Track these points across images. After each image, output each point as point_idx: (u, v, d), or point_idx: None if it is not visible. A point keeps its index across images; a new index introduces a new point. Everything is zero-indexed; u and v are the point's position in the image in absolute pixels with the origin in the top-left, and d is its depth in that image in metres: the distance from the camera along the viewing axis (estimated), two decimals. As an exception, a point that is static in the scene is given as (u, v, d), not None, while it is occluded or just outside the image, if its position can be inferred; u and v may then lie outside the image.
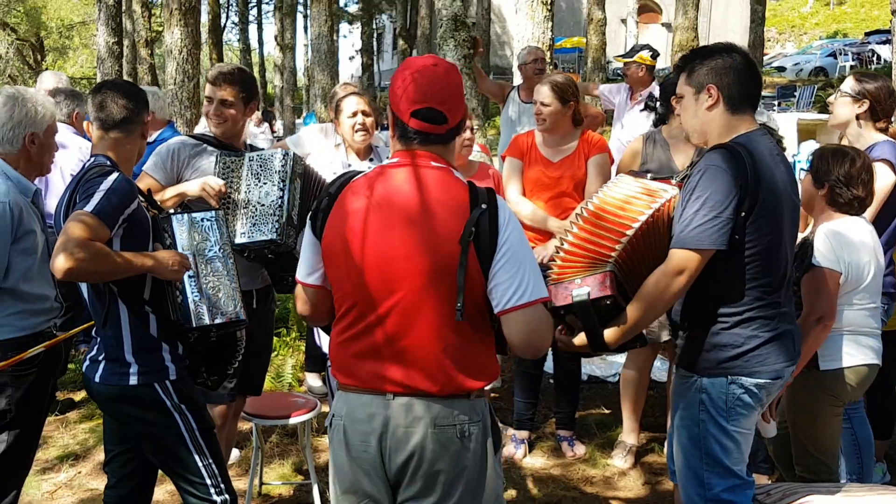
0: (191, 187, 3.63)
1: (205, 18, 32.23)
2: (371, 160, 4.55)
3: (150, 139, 5.52)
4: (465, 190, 2.32)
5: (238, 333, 3.29)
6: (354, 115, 4.45)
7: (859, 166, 3.51)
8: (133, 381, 2.96)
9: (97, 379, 3.02)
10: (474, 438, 2.36)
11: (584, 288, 2.78)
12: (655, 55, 6.92)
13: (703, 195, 2.73)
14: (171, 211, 3.17)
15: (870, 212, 3.87)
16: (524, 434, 5.00)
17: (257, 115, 18.88)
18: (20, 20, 34.33)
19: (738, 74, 2.86)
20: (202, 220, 3.14)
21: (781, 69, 31.27)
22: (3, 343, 3.36)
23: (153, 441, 3.09)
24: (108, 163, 3.01)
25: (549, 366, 5.33)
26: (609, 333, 2.83)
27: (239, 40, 42.68)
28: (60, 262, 2.65)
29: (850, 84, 4.21)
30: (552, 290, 2.81)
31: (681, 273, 2.73)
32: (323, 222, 2.43)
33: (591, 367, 6.13)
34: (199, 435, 3.05)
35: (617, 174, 3.77)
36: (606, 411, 5.54)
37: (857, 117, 4.13)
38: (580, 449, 4.94)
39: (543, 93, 4.65)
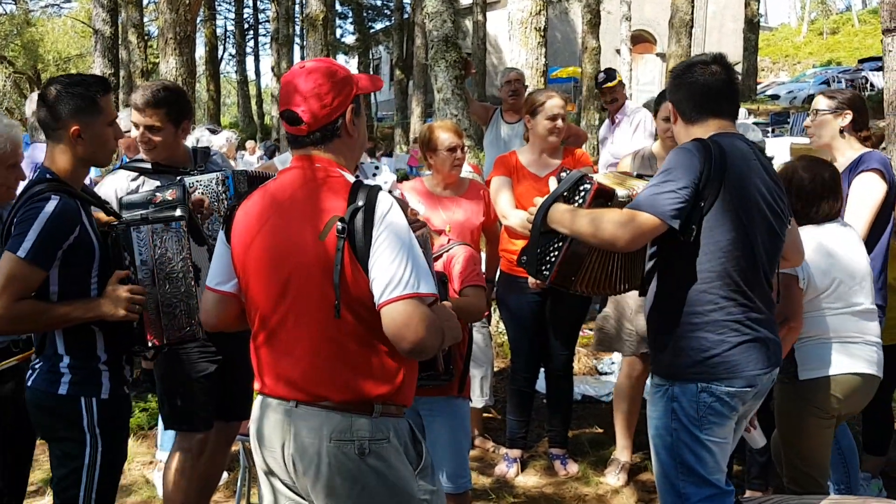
0: None
1: (202, 51, 32.54)
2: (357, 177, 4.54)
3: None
4: (346, 190, 2.30)
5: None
6: None
7: (798, 178, 3.55)
8: (62, 389, 2.87)
9: (29, 383, 2.93)
10: (377, 457, 2.32)
11: (589, 174, 3.08)
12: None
13: (665, 170, 2.79)
14: (130, 221, 2.99)
15: (862, 222, 3.84)
16: (516, 453, 4.95)
17: (252, 144, 18.97)
18: (17, 53, 34.52)
19: (690, 88, 2.95)
20: (163, 233, 2.98)
21: (775, 97, 31.40)
22: None
23: (54, 455, 2.97)
24: (48, 176, 2.88)
25: (541, 385, 5.29)
26: (556, 206, 2.99)
27: (236, 72, 43.05)
28: None
29: (824, 102, 4.16)
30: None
31: (620, 226, 2.74)
32: (229, 230, 2.48)
33: (585, 386, 6.10)
34: (99, 467, 2.90)
35: None
36: (599, 430, 5.50)
37: (842, 131, 4.09)
38: (573, 467, 4.89)
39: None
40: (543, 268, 3.07)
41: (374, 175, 4.76)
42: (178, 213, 3.00)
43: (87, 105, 2.90)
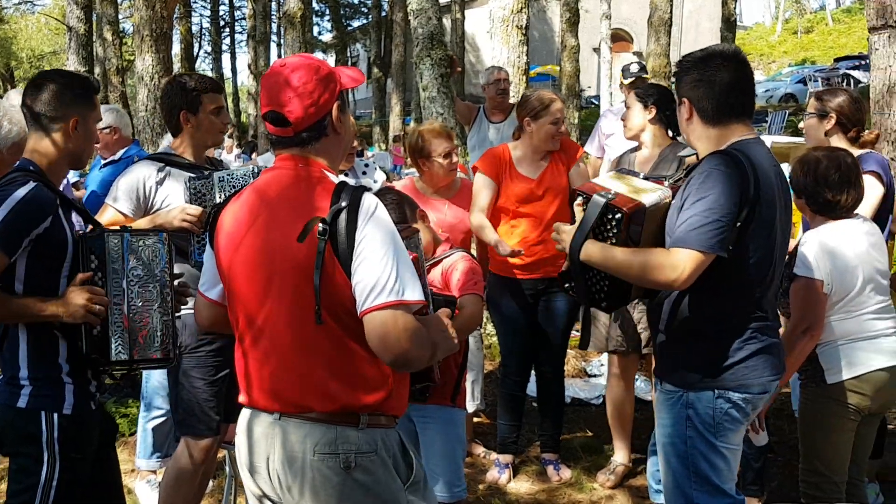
0: (168, 219, 3.43)
1: (177, 48, 32.22)
2: (346, 175, 4.45)
3: (116, 157, 5.38)
4: (330, 190, 2.21)
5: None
6: None
7: (825, 168, 3.45)
8: (22, 402, 2.71)
9: None
10: (363, 471, 2.22)
11: (611, 195, 2.84)
12: None
13: (705, 197, 2.63)
14: (106, 229, 2.89)
15: None
16: (508, 458, 4.86)
17: (230, 142, 18.79)
18: (-10, 51, 34.12)
19: (713, 87, 2.78)
20: (141, 241, 2.83)
21: (752, 96, 31.56)
22: None
23: (10, 469, 2.81)
24: (31, 168, 2.77)
25: (532, 388, 5.21)
26: (592, 245, 2.83)
27: (212, 69, 42.67)
28: None
29: (813, 104, 4.19)
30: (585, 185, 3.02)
31: (675, 269, 2.62)
32: (213, 235, 2.38)
33: (574, 389, 6.02)
34: (56, 487, 2.72)
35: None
36: (590, 434, 5.42)
37: (827, 133, 4.08)
38: (566, 472, 4.81)
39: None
40: (597, 296, 3.02)
41: (364, 174, 4.67)
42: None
43: (88, 99, 2.87)
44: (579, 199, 2.96)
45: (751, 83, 2.86)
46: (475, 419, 5.40)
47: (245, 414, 2.36)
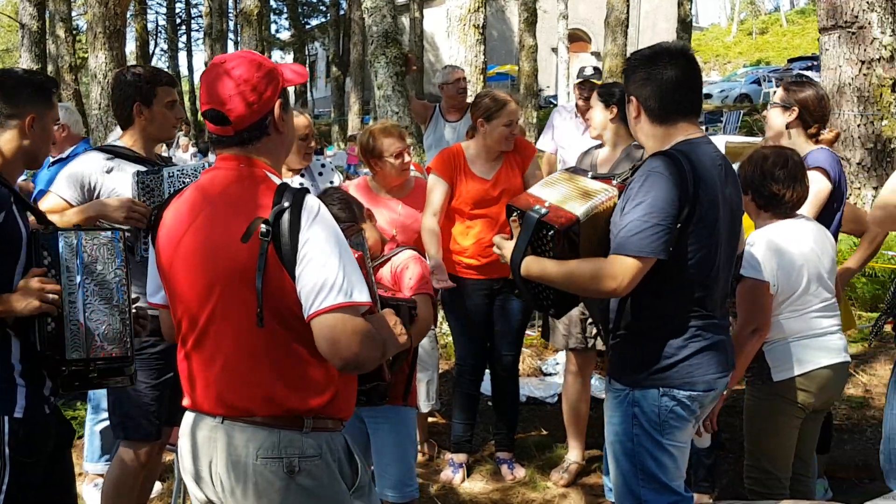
0: (112, 209, 3.34)
1: (133, 46, 31.82)
2: (302, 175, 4.41)
3: (65, 154, 5.28)
4: (272, 191, 2.17)
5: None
6: None
7: (771, 163, 3.46)
8: None
9: None
10: (308, 475, 2.19)
11: (544, 209, 2.81)
12: None
13: (644, 201, 2.63)
14: (60, 227, 2.81)
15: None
16: (462, 458, 4.84)
17: (185, 141, 18.60)
18: (-60, 47, 33.45)
19: (660, 85, 2.77)
20: (94, 239, 2.75)
21: (708, 96, 31.86)
22: None
23: None
24: None
25: (486, 387, 5.21)
26: (530, 261, 2.85)
27: (168, 67, 42.21)
28: None
29: (779, 94, 4.17)
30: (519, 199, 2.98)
31: (615, 278, 2.63)
32: (154, 237, 2.33)
33: (530, 388, 6.03)
34: (5, 492, 2.64)
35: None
36: (545, 432, 5.42)
37: (788, 126, 4.06)
38: (520, 472, 4.81)
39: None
40: (545, 303, 3.04)
41: (320, 174, 4.63)
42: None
43: (46, 97, 2.82)
44: (514, 215, 2.95)
45: (698, 81, 2.85)
46: (430, 419, 5.38)
47: (188, 417, 2.32)
